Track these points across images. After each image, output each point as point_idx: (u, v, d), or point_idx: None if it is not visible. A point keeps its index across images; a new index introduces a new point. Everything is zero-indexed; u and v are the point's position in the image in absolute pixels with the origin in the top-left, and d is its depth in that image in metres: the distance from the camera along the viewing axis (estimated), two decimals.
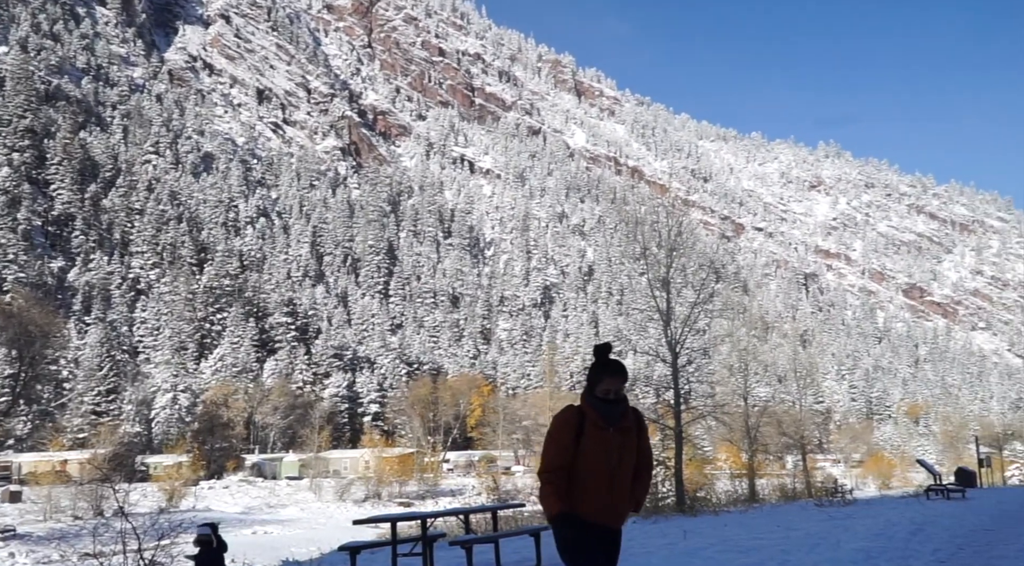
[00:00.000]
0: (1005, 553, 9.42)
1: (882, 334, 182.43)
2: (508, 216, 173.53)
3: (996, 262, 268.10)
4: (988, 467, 52.30)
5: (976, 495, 25.62)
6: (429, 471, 61.98)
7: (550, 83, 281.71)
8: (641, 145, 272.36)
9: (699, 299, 27.75)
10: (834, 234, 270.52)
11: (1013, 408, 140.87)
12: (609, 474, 4.15)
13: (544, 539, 11.39)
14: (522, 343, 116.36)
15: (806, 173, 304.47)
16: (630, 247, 30.60)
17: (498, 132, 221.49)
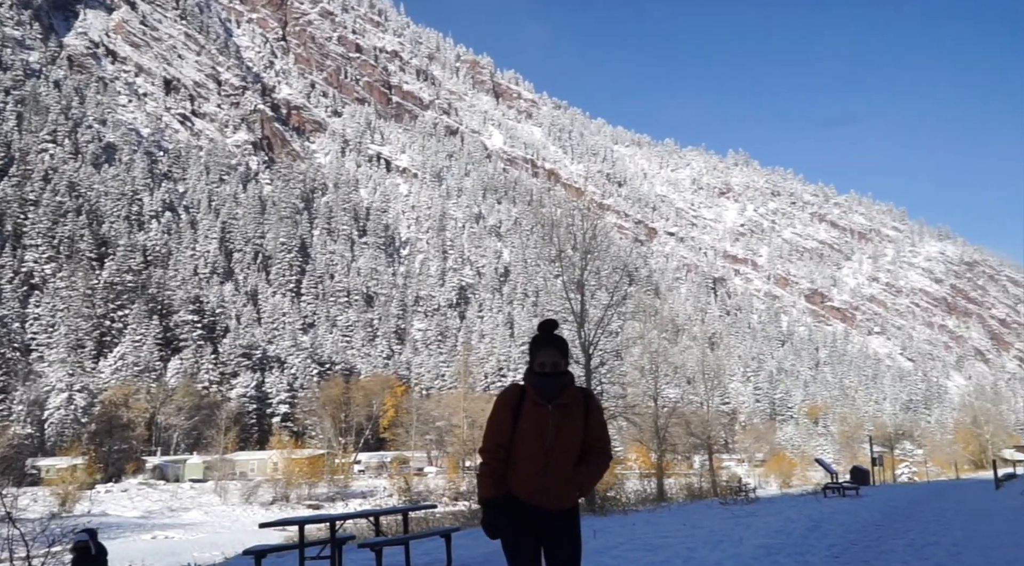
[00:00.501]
0: (894, 547, 9.83)
1: (785, 337, 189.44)
2: (424, 216, 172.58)
3: (891, 269, 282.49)
4: (880, 465, 54.93)
5: (869, 492, 26.83)
6: (340, 473, 60.97)
7: (468, 83, 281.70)
8: (558, 148, 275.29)
9: (612, 301, 28.13)
10: (742, 240, 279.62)
11: (904, 409, 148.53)
12: (544, 452, 3.97)
13: (455, 540, 11.29)
14: (437, 343, 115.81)
15: (716, 180, 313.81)
16: (546, 249, 30.76)
17: (415, 131, 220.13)
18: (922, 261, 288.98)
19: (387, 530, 15.61)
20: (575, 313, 26.52)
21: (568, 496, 4.06)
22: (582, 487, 4.10)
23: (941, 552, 9.25)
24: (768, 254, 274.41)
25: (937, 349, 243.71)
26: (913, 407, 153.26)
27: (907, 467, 78.86)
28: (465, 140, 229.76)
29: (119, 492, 53.16)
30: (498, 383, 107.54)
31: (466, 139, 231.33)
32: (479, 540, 13.15)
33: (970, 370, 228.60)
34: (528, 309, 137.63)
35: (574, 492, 4.09)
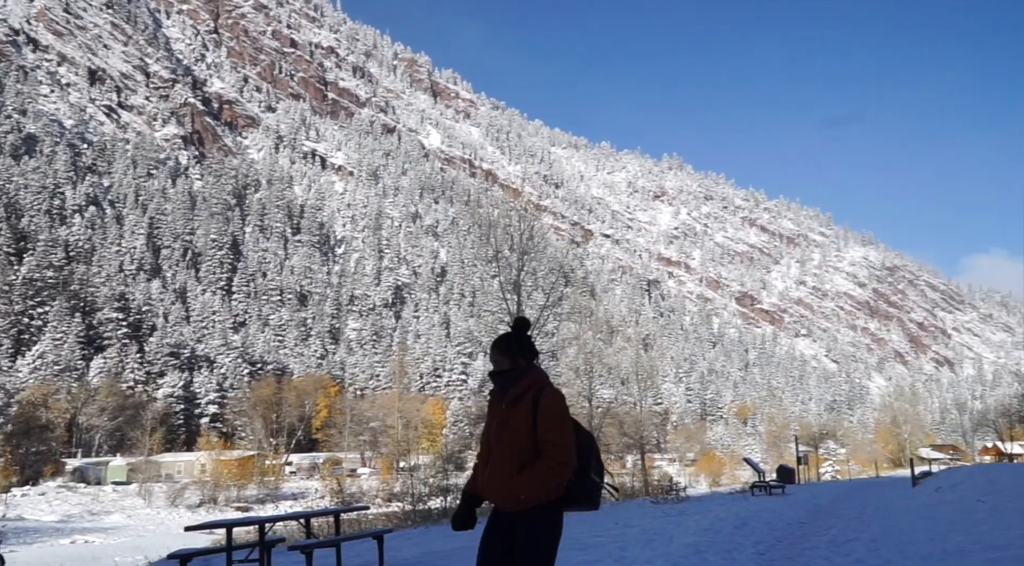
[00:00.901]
0: (816, 544, 10.13)
1: (716, 339, 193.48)
2: (360, 214, 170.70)
3: (817, 274, 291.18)
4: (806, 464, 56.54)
5: (795, 491, 27.60)
6: (270, 474, 59.94)
7: (406, 82, 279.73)
8: (495, 149, 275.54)
9: (548, 302, 28.30)
10: (675, 243, 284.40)
11: (828, 409, 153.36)
12: (487, 449, 4.01)
13: (388, 542, 11.19)
14: (372, 343, 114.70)
15: (651, 183, 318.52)
16: (483, 249, 30.80)
17: (351, 128, 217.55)
18: (846, 266, 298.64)
19: (318, 532, 15.37)
20: (511, 314, 26.57)
21: (508, 498, 3.84)
22: (515, 491, 3.83)
23: (861, 548, 9.58)
24: (701, 257, 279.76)
25: (860, 351, 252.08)
26: (837, 407, 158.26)
27: (831, 466, 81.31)
28: (402, 139, 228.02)
29: (36, 496, 51.11)
30: (433, 383, 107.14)
31: (403, 138, 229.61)
32: (412, 541, 13.07)
33: (890, 372, 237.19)
34: (465, 309, 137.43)
35: (513, 496, 3.84)
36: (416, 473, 35.75)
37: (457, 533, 4.92)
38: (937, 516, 13.20)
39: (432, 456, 53.44)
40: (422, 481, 27.10)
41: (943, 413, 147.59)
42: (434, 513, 19.88)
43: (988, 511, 12.82)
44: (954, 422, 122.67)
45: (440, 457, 43.00)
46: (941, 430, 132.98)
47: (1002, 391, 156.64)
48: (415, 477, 28.85)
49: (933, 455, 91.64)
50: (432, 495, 23.04)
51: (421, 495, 22.98)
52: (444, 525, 16.57)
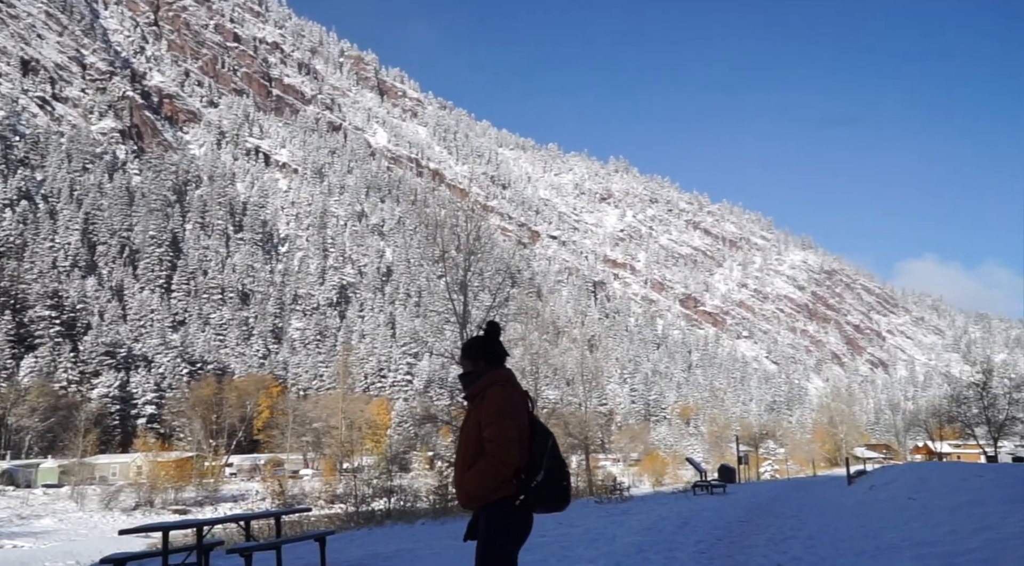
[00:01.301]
0: (756, 542, 10.33)
1: (660, 340, 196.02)
2: (305, 212, 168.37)
3: (758, 276, 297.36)
4: (746, 464, 57.64)
5: (735, 490, 28.11)
6: (210, 476, 58.64)
7: (352, 80, 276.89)
8: (443, 148, 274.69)
9: (495, 303, 28.34)
10: (621, 245, 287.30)
11: (768, 409, 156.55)
12: (456, 449, 4.30)
13: (330, 543, 11.04)
14: (316, 343, 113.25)
15: (598, 186, 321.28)
16: (429, 249, 30.69)
17: (296, 125, 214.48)
18: (787, 269, 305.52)
19: (259, 535, 15.10)
20: (458, 314, 26.55)
21: (462, 496, 4.02)
22: (466, 489, 3.94)
23: (797, 545, 9.79)
24: (646, 259, 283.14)
25: (799, 353, 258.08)
26: (776, 408, 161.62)
27: (770, 465, 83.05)
28: (348, 137, 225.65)
29: None
30: (378, 384, 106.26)
31: (349, 136, 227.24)
32: (355, 542, 12.93)
33: (828, 373, 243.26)
34: (411, 309, 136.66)
35: (464, 493, 3.99)
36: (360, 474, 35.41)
37: (401, 535, 4.94)
38: (870, 514, 13.56)
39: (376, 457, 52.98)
40: (366, 482, 26.87)
41: (877, 413, 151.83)
42: (378, 514, 19.72)
43: (918, 509, 13.22)
44: (888, 422, 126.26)
45: (384, 458, 42.64)
46: (875, 430, 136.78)
47: (933, 392, 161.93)
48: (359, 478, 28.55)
49: (868, 454, 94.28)
50: (376, 496, 22.86)
51: (365, 496, 22.79)
52: (388, 526, 16.44)
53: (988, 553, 7.65)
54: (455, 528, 14.28)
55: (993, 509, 11.11)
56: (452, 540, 11.95)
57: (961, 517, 10.75)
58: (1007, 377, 58.00)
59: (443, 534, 13.14)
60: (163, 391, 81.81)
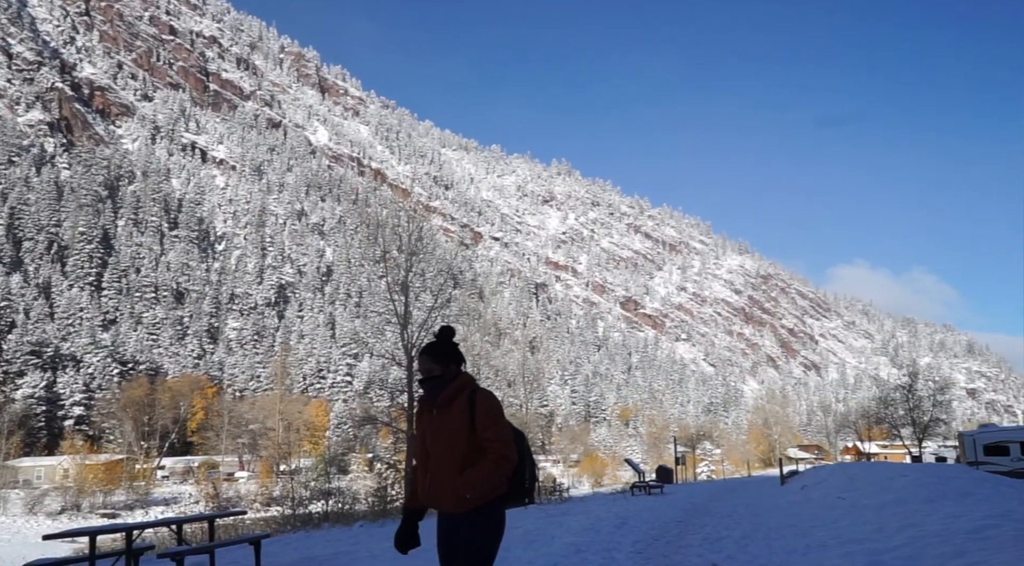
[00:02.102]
0: (691, 542, 10.50)
1: (601, 342, 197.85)
2: (243, 210, 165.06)
3: (697, 280, 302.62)
4: (683, 464, 58.59)
5: (673, 490, 28.54)
6: (141, 479, 57.10)
7: (292, 76, 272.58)
8: (385, 148, 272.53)
9: (436, 304, 28.24)
10: (563, 247, 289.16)
11: (705, 411, 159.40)
12: (424, 455, 4.10)
13: (266, 547, 10.84)
14: (253, 343, 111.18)
15: (540, 188, 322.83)
16: (371, 249, 30.41)
17: (235, 121, 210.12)
18: (724, 273, 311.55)
19: (191, 539, 14.75)
20: (399, 315, 26.40)
21: (453, 500, 3.93)
22: (460, 490, 3.91)
23: (732, 544, 9.98)
24: (587, 262, 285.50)
25: (735, 355, 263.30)
26: (713, 409, 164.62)
27: (707, 466, 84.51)
28: (288, 134, 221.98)
29: None
30: (317, 385, 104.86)
31: (289, 133, 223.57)
32: (291, 546, 12.72)
33: (763, 375, 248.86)
34: (351, 310, 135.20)
35: (458, 496, 3.92)
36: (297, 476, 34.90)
37: (338, 538, 4.93)
38: (802, 513, 13.91)
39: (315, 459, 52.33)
40: (303, 484, 26.51)
41: (810, 415, 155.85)
42: (315, 517, 19.46)
43: (847, 507, 13.60)
44: (819, 423, 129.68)
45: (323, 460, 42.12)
46: (808, 431, 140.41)
47: (862, 394, 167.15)
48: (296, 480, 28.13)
49: (800, 455, 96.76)
50: (313, 498, 22.57)
51: (302, 499, 22.46)
52: (325, 529, 16.22)
53: (911, 550, 7.91)
54: (394, 530, 14.17)
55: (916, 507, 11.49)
56: (391, 542, 11.86)
57: (887, 515, 11.10)
58: (931, 380, 60.11)
59: (382, 536, 13.02)
60: (92, 392, 79.36)
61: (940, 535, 8.44)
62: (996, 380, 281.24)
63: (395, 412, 29.16)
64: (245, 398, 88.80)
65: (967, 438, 31.32)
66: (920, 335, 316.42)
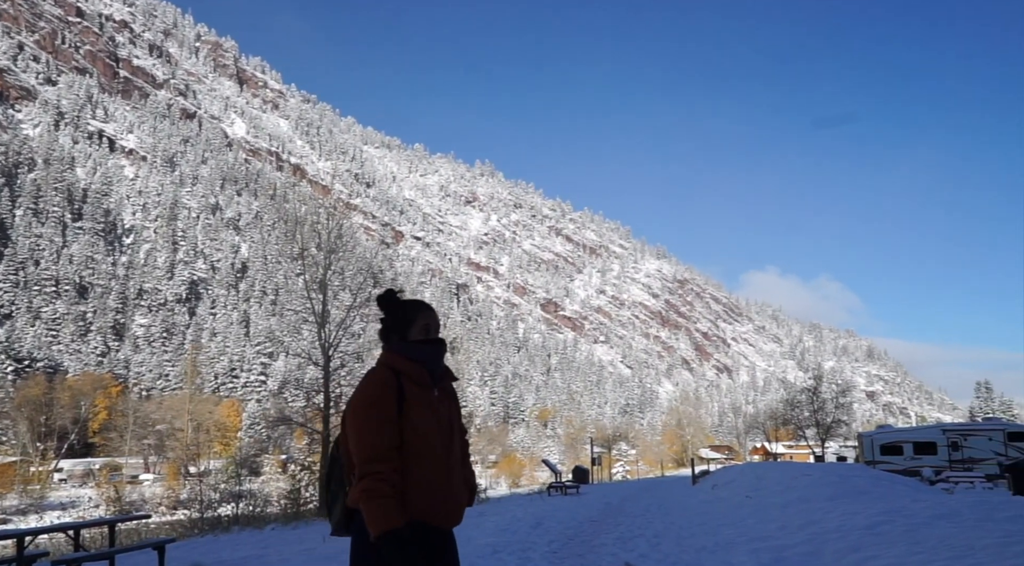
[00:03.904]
0: (605, 541, 10.65)
1: (521, 344, 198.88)
2: (153, 203, 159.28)
3: (616, 283, 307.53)
4: (599, 465, 59.40)
5: (589, 490, 28.90)
6: (36, 482, 54.45)
7: (209, 66, 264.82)
8: (305, 143, 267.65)
9: (356, 303, 27.90)
10: (485, 248, 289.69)
11: (622, 412, 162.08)
12: (445, 453, 3.01)
13: (170, 552, 10.47)
14: (162, 341, 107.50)
15: (463, 188, 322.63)
16: (288, 246, 29.85)
17: (146, 110, 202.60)
18: (642, 277, 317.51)
19: (90, 545, 14.15)
20: (316, 313, 26.02)
21: (463, 508, 3.15)
22: (474, 492, 3.30)
23: (644, 543, 10.16)
24: (509, 263, 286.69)
25: (652, 358, 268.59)
26: (630, 411, 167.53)
27: (622, 466, 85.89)
28: (203, 125, 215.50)
29: None
30: (230, 384, 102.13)
31: (204, 124, 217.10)
32: (198, 550, 12.32)
33: (677, 377, 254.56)
34: (266, 307, 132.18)
35: (466, 501, 3.19)
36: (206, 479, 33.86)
37: (248, 541, 4.50)
38: (712, 511, 14.27)
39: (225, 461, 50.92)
40: (212, 487, 25.75)
41: (721, 416, 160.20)
42: (224, 520, 18.95)
43: (754, 506, 14.03)
44: (730, 424, 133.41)
45: (234, 462, 41.00)
46: (719, 432, 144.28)
47: (771, 396, 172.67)
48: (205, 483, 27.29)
49: (711, 455, 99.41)
50: (223, 501, 21.97)
51: (211, 502, 21.83)
52: (235, 533, 15.79)
53: (813, 546, 8.21)
54: (306, 533, 13.91)
55: (818, 505, 11.94)
56: (303, 545, 11.62)
57: (791, 513, 11.50)
58: (834, 383, 62.48)
59: (293, 539, 12.76)
60: None
61: (839, 531, 8.78)
62: (893, 383, 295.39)
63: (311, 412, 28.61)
64: (152, 398, 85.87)
65: (865, 439, 32.76)
66: (825, 340, 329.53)
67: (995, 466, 27.98)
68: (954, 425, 34.26)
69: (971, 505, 10.24)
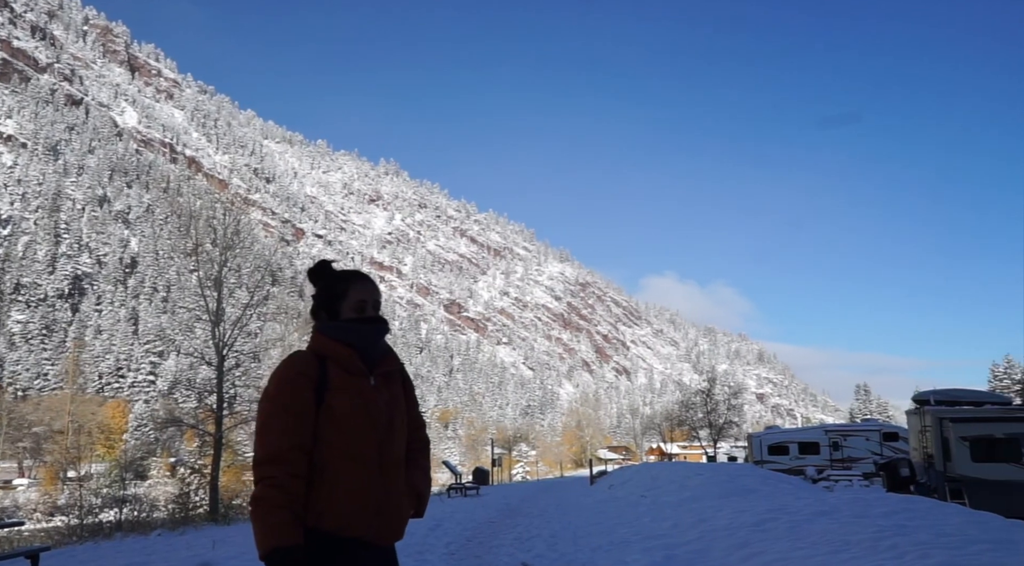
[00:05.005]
0: (503, 542, 10.70)
1: (423, 345, 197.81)
2: (34, 192, 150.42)
3: (519, 285, 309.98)
4: (500, 466, 59.71)
5: (488, 491, 29.00)
6: None
7: (98, 51, 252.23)
8: (201, 135, 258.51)
9: (253, 301, 27.32)
10: (388, 248, 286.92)
11: (523, 414, 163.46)
12: (377, 452, 2.47)
13: (45, 561, 9.90)
14: (41, 338, 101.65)
15: (367, 187, 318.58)
16: (182, 241, 28.96)
17: (27, 95, 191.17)
18: (545, 280, 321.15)
19: None
20: (210, 311, 25.35)
21: (407, 519, 2.63)
22: (421, 501, 2.73)
23: (541, 543, 10.26)
24: (412, 263, 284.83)
25: (553, 359, 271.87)
26: (531, 412, 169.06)
27: (522, 467, 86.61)
28: (91, 113, 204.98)
29: None
30: (116, 384, 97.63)
31: (92, 112, 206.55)
32: (76, 558, 11.70)
33: (578, 379, 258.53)
34: (157, 304, 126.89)
35: (410, 511, 2.67)
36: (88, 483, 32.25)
37: (132, 548, 4.15)
38: (608, 511, 14.54)
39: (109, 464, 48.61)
40: (94, 492, 24.56)
41: (619, 417, 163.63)
42: (106, 526, 18.07)
43: (649, 505, 14.37)
44: (628, 425, 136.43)
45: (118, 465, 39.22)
46: (617, 433, 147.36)
47: (667, 398, 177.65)
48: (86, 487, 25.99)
49: (609, 455, 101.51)
50: (106, 507, 20.98)
51: (92, 507, 20.79)
52: (117, 540, 15.08)
53: (703, 544, 8.46)
54: (195, 539, 13.41)
55: (709, 504, 12.34)
56: (191, 551, 11.19)
57: (684, 512, 11.83)
58: (727, 385, 64.86)
59: (181, 546, 12.28)
60: None
61: (728, 529, 9.09)
62: (781, 386, 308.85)
63: (203, 414, 27.71)
64: (29, 398, 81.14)
65: (754, 439, 34.11)
66: (719, 343, 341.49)
67: (871, 465, 29.63)
68: (835, 426, 36.08)
69: (849, 502, 10.80)
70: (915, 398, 20.07)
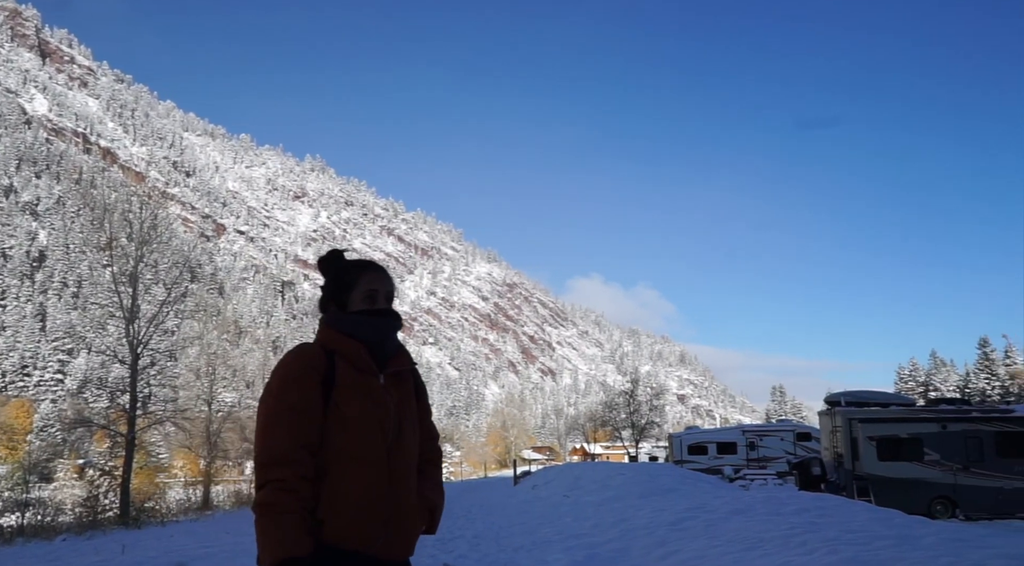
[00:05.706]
0: (426, 542, 10.60)
1: None
2: None
3: (447, 285, 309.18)
4: None
5: None
6: None
7: (6, 35, 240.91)
8: (117, 126, 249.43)
9: (170, 298, 26.61)
10: (313, 245, 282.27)
11: (448, 414, 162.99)
12: (388, 458, 2.26)
13: None
14: None
15: (292, 183, 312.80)
16: (94, 235, 27.96)
17: None
18: (473, 280, 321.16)
19: None
20: (124, 308, 24.56)
21: (417, 533, 2.39)
22: (433, 515, 2.49)
23: (464, 544, 10.25)
24: None
25: (479, 360, 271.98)
26: (456, 412, 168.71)
27: (447, 468, 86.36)
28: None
29: None
30: (20, 383, 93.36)
31: (0, 100, 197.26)
32: None
33: (504, 380, 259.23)
34: (67, 300, 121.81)
35: (423, 525, 2.44)
36: None
37: (35, 554, 4.02)
38: (532, 511, 14.62)
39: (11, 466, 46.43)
40: None
41: (544, 418, 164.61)
42: (7, 532, 17.26)
43: (571, 505, 14.52)
44: (552, 426, 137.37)
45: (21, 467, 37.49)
46: (542, 433, 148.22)
47: (591, 398, 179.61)
48: None
49: (533, 456, 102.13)
50: (7, 510, 20.05)
51: None
52: (19, 545, 14.42)
53: (623, 542, 8.59)
54: (103, 543, 12.93)
55: (630, 503, 12.54)
56: (98, 556, 10.78)
57: (605, 511, 11.99)
58: (649, 386, 66.02)
59: (88, 550, 11.82)
60: None
61: (647, 528, 9.25)
62: (701, 387, 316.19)
63: (115, 414, 26.76)
64: None
65: (675, 439, 34.83)
66: (643, 345, 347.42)
67: (785, 464, 30.61)
68: (752, 426, 37.16)
69: (763, 500, 11.12)
70: (827, 399, 20.84)
